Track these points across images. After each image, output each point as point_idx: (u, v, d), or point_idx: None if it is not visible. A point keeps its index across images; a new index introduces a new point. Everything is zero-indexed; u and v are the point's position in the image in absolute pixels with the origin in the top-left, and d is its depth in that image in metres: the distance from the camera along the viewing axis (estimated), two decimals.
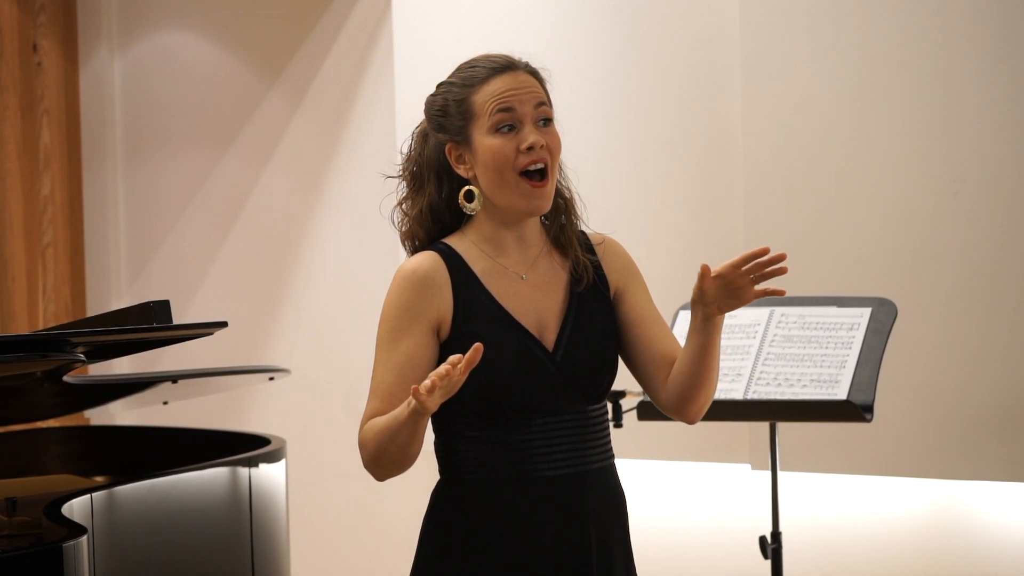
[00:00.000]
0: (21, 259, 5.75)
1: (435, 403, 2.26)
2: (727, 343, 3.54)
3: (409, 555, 2.55)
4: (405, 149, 2.54)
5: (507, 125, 2.43)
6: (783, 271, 2.32)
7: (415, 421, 2.31)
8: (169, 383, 3.88)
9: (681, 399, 2.47)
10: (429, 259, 2.45)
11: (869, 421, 3.38)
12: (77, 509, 3.03)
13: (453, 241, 2.48)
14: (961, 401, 4.03)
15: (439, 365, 2.36)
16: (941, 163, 4.07)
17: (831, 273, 4.19)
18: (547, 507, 2.43)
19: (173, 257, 5.89)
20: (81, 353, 3.03)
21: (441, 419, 2.45)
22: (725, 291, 2.35)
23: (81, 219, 5.96)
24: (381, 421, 2.37)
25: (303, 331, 5.58)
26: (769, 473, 3.70)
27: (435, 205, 2.50)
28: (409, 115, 4.86)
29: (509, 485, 2.43)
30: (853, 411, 3.36)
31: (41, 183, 5.83)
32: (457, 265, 2.45)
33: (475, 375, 2.31)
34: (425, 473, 2.86)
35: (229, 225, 5.77)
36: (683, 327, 3.45)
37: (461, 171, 2.47)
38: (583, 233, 2.56)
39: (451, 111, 2.45)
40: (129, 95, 5.96)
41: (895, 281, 4.08)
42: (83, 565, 2.70)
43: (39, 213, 5.83)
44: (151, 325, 3.00)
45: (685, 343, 2.44)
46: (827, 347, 3.47)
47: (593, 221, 2.60)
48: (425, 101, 2.52)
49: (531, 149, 2.42)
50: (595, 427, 2.49)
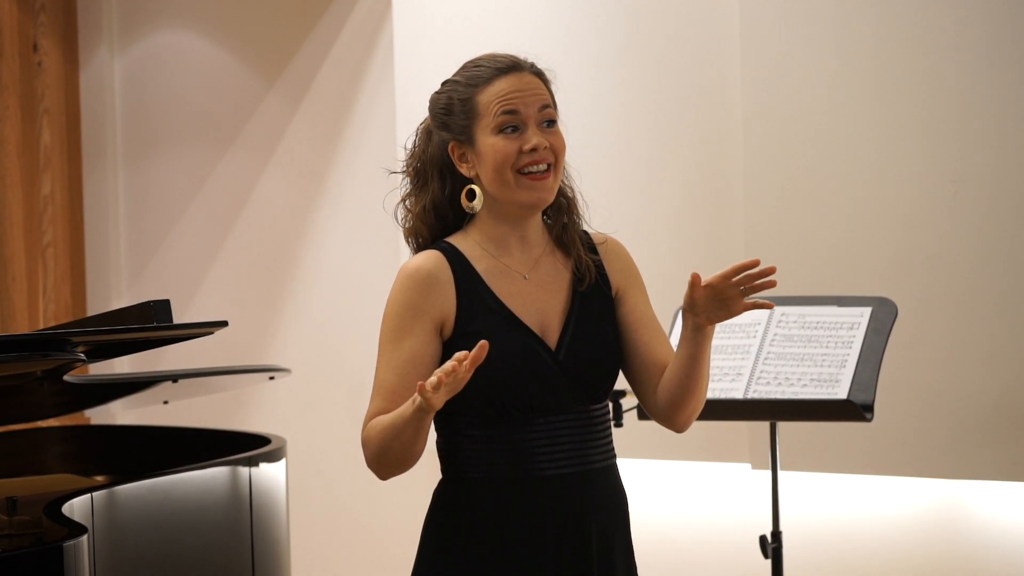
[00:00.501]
0: (21, 259, 5.75)
1: (440, 400, 2.26)
2: (727, 342, 3.54)
3: (410, 555, 2.55)
4: (409, 145, 2.54)
5: (511, 126, 2.43)
6: (772, 284, 2.33)
7: (419, 419, 2.31)
8: (169, 383, 3.88)
9: (670, 406, 2.48)
10: (432, 258, 2.45)
11: (869, 420, 3.38)
12: (77, 509, 3.03)
13: (456, 240, 2.48)
14: (961, 400, 4.03)
15: (442, 363, 2.36)
16: (941, 163, 4.07)
17: (831, 273, 4.19)
18: (549, 506, 2.43)
19: (173, 257, 5.89)
20: (81, 352, 3.03)
21: (444, 418, 2.45)
22: (715, 301, 2.35)
23: (81, 219, 5.96)
24: (385, 419, 2.37)
25: (303, 331, 5.57)
26: (769, 472, 3.69)
27: (438, 203, 2.50)
28: (409, 115, 4.86)
29: (511, 484, 2.42)
30: (853, 410, 3.36)
31: (41, 183, 5.83)
32: (460, 264, 2.45)
33: (478, 374, 2.31)
34: (426, 473, 2.86)
35: (229, 225, 5.76)
36: None
37: (464, 170, 2.47)
38: (585, 232, 2.56)
39: (455, 110, 2.45)
40: (129, 95, 5.96)
41: (895, 281, 4.07)
42: (83, 564, 2.70)
43: (39, 213, 5.83)
44: (151, 325, 3.00)
45: (676, 351, 2.45)
46: (827, 346, 3.47)
47: (594, 222, 2.60)
48: (430, 98, 2.51)
49: (534, 151, 2.42)
50: (597, 426, 2.49)
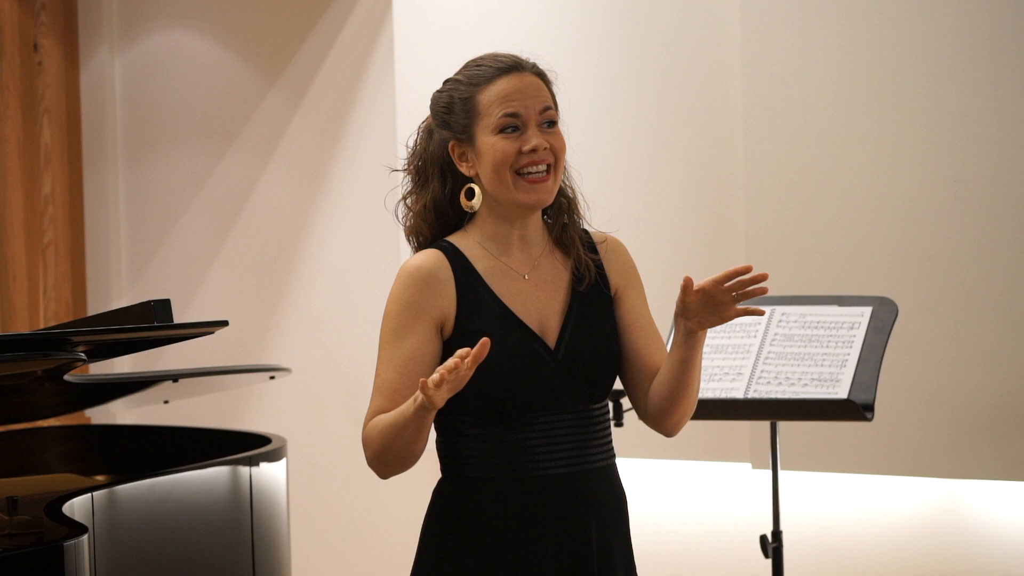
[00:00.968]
0: (22, 258, 5.75)
1: (442, 398, 2.26)
2: (727, 342, 3.54)
3: (409, 554, 2.55)
4: (410, 143, 2.54)
5: (511, 127, 2.43)
6: (764, 291, 2.33)
7: (421, 417, 2.31)
8: (170, 382, 3.88)
9: (659, 410, 2.49)
10: (432, 256, 2.45)
11: (870, 420, 3.38)
12: (78, 508, 3.03)
13: (456, 239, 2.49)
14: (962, 400, 4.03)
15: (442, 362, 2.36)
16: (941, 163, 4.07)
17: (832, 272, 4.19)
18: (548, 505, 2.43)
19: (173, 256, 5.89)
20: (82, 352, 3.03)
21: (443, 417, 2.45)
22: (707, 306, 2.36)
23: (82, 218, 5.96)
24: (386, 418, 2.37)
25: (303, 330, 5.57)
26: (770, 472, 3.69)
27: (439, 201, 2.50)
28: (409, 115, 4.86)
29: (510, 483, 2.43)
30: (854, 410, 3.36)
31: (42, 182, 5.83)
32: (460, 263, 2.45)
33: (478, 373, 2.31)
34: (426, 472, 2.86)
35: (229, 225, 5.76)
36: None
37: (463, 169, 2.47)
38: (585, 231, 2.56)
39: (456, 109, 2.45)
40: (129, 94, 5.96)
41: (896, 280, 4.07)
42: (84, 564, 2.70)
43: (40, 212, 5.83)
44: (152, 324, 3.00)
45: (668, 355, 2.45)
46: (828, 346, 3.46)
47: (595, 222, 2.60)
48: (431, 97, 2.52)
49: (534, 151, 2.42)
50: (597, 426, 2.49)
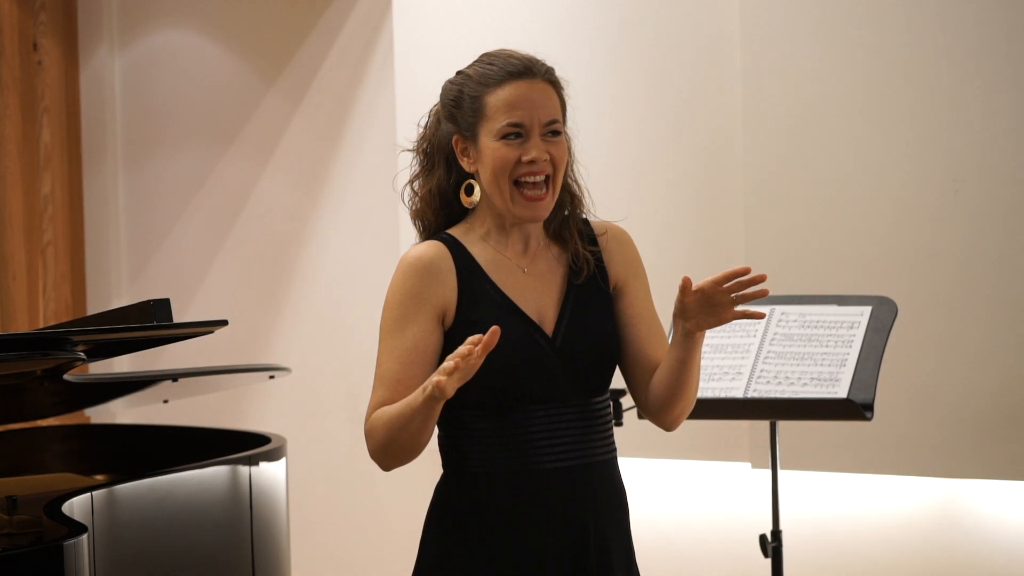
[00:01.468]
0: (21, 257, 5.75)
1: (453, 387, 2.25)
2: (727, 341, 3.54)
3: (410, 553, 2.55)
4: (422, 123, 2.54)
5: (514, 134, 2.42)
6: (764, 293, 2.33)
7: (430, 407, 2.30)
8: (169, 381, 3.88)
9: (659, 405, 2.50)
10: (433, 247, 2.46)
11: (869, 419, 3.38)
12: (77, 508, 3.03)
13: (456, 232, 2.50)
14: (961, 399, 4.03)
15: (443, 353, 2.37)
16: (942, 162, 4.07)
17: (831, 272, 4.19)
18: (549, 499, 2.43)
19: (173, 256, 5.89)
20: (81, 351, 3.03)
21: (446, 411, 2.45)
22: (705, 308, 2.36)
23: (81, 218, 5.96)
24: (391, 410, 2.37)
25: (303, 330, 5.57)
26: (769, 471, 3.69)
27: (444, 190, 2.51)
28: (409, 115, 4.85)
29: (511, 477, 2.43)
30: (853, 409, 3.36)
31: (41, 182, 5.83)
32: (461, 254, 2.46)
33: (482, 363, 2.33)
34: (426, 471, 2.86)
35: (229, 224, 5.76)
36: None
37: (464, 164, 2.48)
38: (586, 222, 2.56)
39: (463, 105, 2.46)
40: (129, 94, 5.96)
41: (896, 280, 4.07)
42: (83, 564, 2.70)
43: (39, 212, 5.83)
44: (151, 323, 3.00)
45: (667, 353, 2.45)
46: (828, 345, 3.46)
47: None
48: (443, 85, 2.51)
49: (533, 163, 2.42)
50: (598, 421, 2.49)
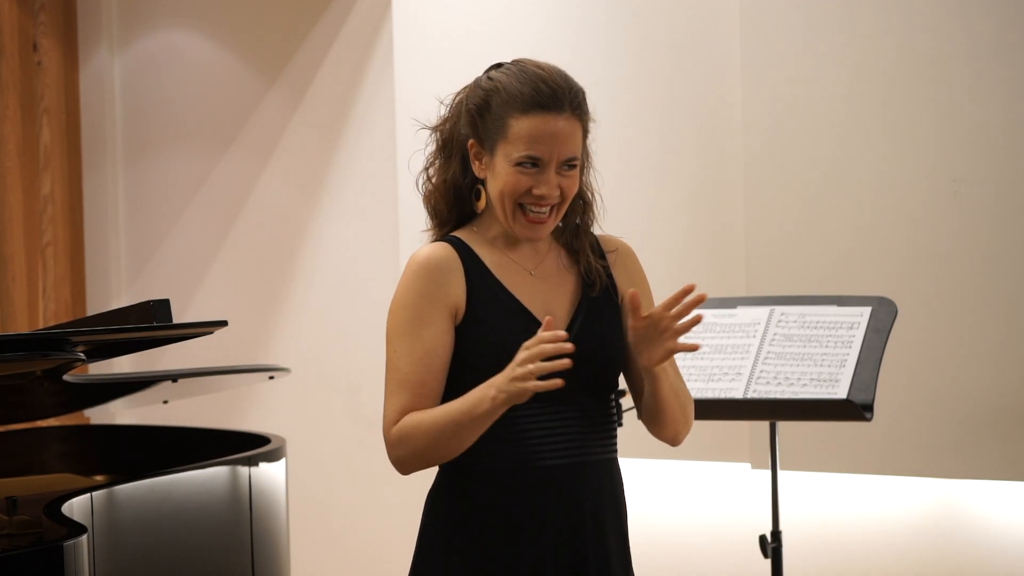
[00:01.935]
0: (21, 258, 5.75)
1: (534, 385, 2.25)
2: (727, 342, 3.54)
3: (408, 554, 2.55)
4: (447, 101, 2.52)
5: (530, 163, 2.41)
6: (698, 319, 2.34)
7: (495, 413, 2.29)
8: (169, 382, 3.87)
9: (651, 427, 2.53)
10: (441, 248, 2.46)
11: (869, 420, 3.38)
12: (77, 508, 3.03)
13: (463, 235, 2.50)
14: (960, 400, 4.03)
15: (453, 354, 2.39)
16: (941, 162, 4.07)
17: (831, 272, 4.19)
18: (545, 496, 2.43)
19: (173, 256, 5.89)
20: (81, 352, 3.03)
21: None
22: (648, 337, 2.36)
23: (81, 218, 5.96)
24: (435, 415, 2.35)
25: (303, 330, 5.57)
26: (769, 472, 3.69)
27: (458, 186, 2.50)
28: (408, 115, 4.85)
29: (509, 475, 2.43)
30: (853, 410, 3.36)
31: (41, 182, 5.83)
32: (468, 255, 2.46)
33: (483, 362, 2.33)
34: (426, 471, 2.85)
35: (229, 225, 5.77)
36: None
37: (476, 168, 2.47)
38: (595, 237, 2.56)
39: (487, 117, 2.43)
40: (129, 95, 5.96)
41: (895, 280, 4.07)
42: (83, 564, 2.70)
43: (39, 212, 5.83)
44: (151, 324, 3.00)
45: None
46: (827, 346, 3.46)
47: (601, 222, 2.60)
48: (476, 80, 2.48)
49: (542, 196, 2.41)
50: (599, 421, 2.49)
